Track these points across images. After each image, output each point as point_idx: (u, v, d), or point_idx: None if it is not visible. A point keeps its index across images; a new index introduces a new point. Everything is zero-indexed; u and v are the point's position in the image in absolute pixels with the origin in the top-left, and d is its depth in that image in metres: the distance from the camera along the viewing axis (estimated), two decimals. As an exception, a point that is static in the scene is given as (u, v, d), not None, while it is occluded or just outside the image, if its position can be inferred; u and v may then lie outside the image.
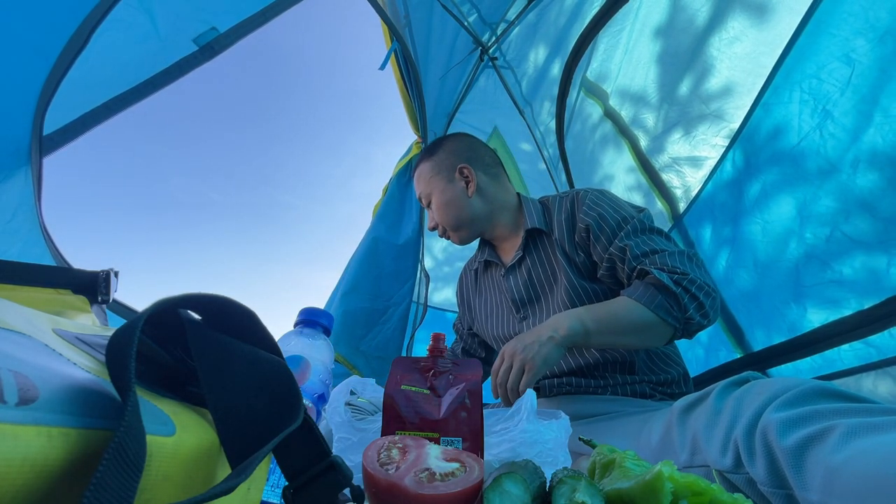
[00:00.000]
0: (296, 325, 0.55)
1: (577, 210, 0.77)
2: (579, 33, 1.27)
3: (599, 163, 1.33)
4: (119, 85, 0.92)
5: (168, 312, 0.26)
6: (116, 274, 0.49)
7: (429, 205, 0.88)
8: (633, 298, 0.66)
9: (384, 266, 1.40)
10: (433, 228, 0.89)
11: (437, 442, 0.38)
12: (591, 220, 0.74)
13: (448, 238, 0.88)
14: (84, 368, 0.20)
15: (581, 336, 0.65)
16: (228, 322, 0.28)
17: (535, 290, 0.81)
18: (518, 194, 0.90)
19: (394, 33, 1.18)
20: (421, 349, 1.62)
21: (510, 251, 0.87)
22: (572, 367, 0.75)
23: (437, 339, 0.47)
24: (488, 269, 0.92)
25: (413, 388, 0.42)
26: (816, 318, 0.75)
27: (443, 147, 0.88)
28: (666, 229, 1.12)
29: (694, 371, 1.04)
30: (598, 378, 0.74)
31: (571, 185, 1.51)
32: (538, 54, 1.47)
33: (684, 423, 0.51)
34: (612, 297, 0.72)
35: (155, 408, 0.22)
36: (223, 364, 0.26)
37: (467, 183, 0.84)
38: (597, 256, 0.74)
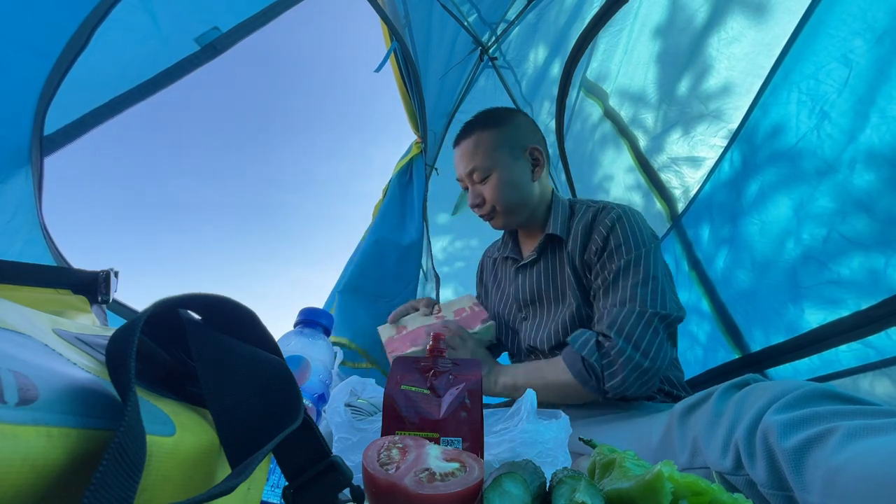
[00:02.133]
0: (296, 325, 0.55)
1: (597, 224, 0.73)
2: (579, 33, 1.27)
3: (599, 163, 1.33)
4: (120, 85, 0.92)
5: (168, 312, 0.26)
6: (116, 274, 0.49)
7: (482, 180, 0.77)
8: (564, 362, 0.68)
9: (388, 267, 1.40)
10: (476, 206, 0.79)
11: (437, 442, 0.38)
12: (598, 242, 0.71)
13: (489, 219, 0.81)
14: (84, 368, 0.20)
15: (511, 390, 0.72)
16: (228, 322, 0.28)
17: (540, 296, 0.80)
18: (552, 190, 0.84)
19: (393, 33, 1.18)
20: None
21: (529, 248, 0.85)
22: None
23: (437, 338, 0.47)
24: (507, 258, 0.90)
25: (413, 388, 0.42)
26: (814, 318, 0.75)
27: (509, 121, 0.80)
28: (664, 229, 1.13)
29: (693, 371, 1.04)
30: None
31: (571, 185, 1.51)
32: (538, 54, 1.47)
33: (684, 425, 0.51)
34: None
35: (155, 408, 0.22)
36: (223, 364, 0.26)
37: (534, 166, 0.79)
38: (592, 279, 0.72)
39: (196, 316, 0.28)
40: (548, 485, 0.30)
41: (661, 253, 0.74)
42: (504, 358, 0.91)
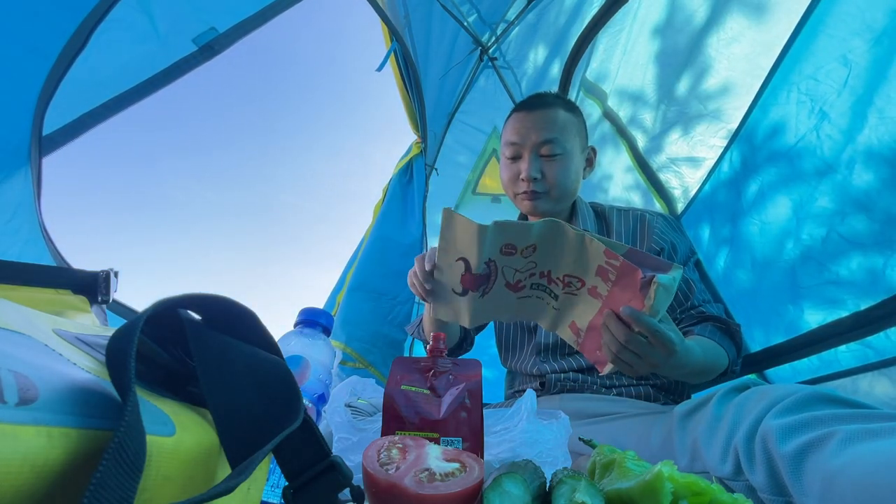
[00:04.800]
0: (296, 325, 0.55)
1: (646, 231, 0.78)
2: (579, 33, 1.27)
3: (598, 162, 1.33)
4: (119, 85, 0.92)
5: (168, 312, 0.26)
6: (116, 274, 0.49)
7: (550, 156, 0.75)
8: (715, 342, 0.68)
9: (390, 265, 1.40)
10: (533, 179, 0.75)
11: (437, 442, 0.38)
12: (666, 244, 0.76)
13: (533, 198, 0.77)
14: (84, 368, 0.20)
15: (676, 375, 0.63)
16: (228, 322, 0.28)
17: None
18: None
19: (393, 33, 1.18)
20: (421, 350, 1.62)
21: None
22: (582, 364, 0.75)
23: (437, 339, 0.47)
24: None
25: (413, 388, 0.42)
26: (814, 318, 0.75)
27: (581, 115, 0.82)
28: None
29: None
30: (605, 377, 0.74)
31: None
32: (538, 54, 1.47)
33: (685, 429, 0.51)
34: None
35: (155, 408, 0.22)
36: (223, 364, 0.26)
37: (587, 165, 0.83)
38: None
39: (196, 316, 0.28)
40: (548, 485, 0.30)
41: None
42: (483, 353, 0.77)
